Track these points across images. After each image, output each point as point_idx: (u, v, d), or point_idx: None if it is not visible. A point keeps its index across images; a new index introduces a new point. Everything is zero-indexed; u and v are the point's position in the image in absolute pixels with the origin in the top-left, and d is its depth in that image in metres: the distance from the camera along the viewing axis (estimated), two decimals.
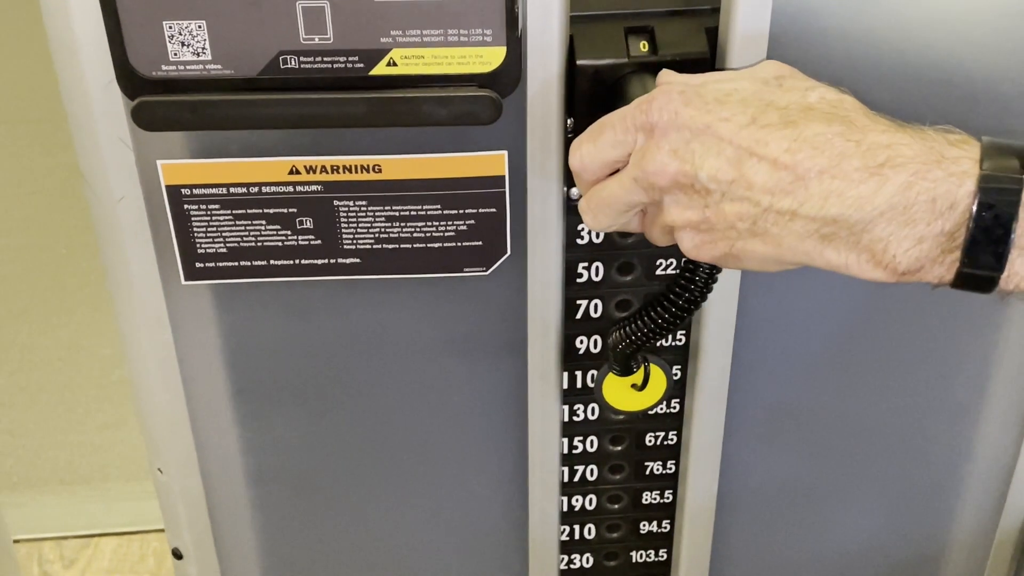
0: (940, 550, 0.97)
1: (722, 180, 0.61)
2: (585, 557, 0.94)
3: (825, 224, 0.59)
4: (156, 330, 0.79)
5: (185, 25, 0.65)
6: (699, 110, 0.61)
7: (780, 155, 0.59)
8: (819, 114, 0.60)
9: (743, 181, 0.60)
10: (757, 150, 0.60)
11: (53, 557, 1.57)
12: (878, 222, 0.58)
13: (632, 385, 0.83)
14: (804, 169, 0.59)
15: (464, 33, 0.66)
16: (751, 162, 0.60)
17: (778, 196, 0.60)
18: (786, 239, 0.60)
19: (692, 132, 0.61)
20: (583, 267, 0.79)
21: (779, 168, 0.59)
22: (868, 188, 0.58)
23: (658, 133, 0.62)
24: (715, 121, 0.61)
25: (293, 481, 0.88)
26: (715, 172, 0.61)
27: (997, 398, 0.89)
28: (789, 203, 0.59)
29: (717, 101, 0.62)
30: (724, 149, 0.60)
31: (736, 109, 0.61)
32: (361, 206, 0.74)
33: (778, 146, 0.59)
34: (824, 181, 0.58)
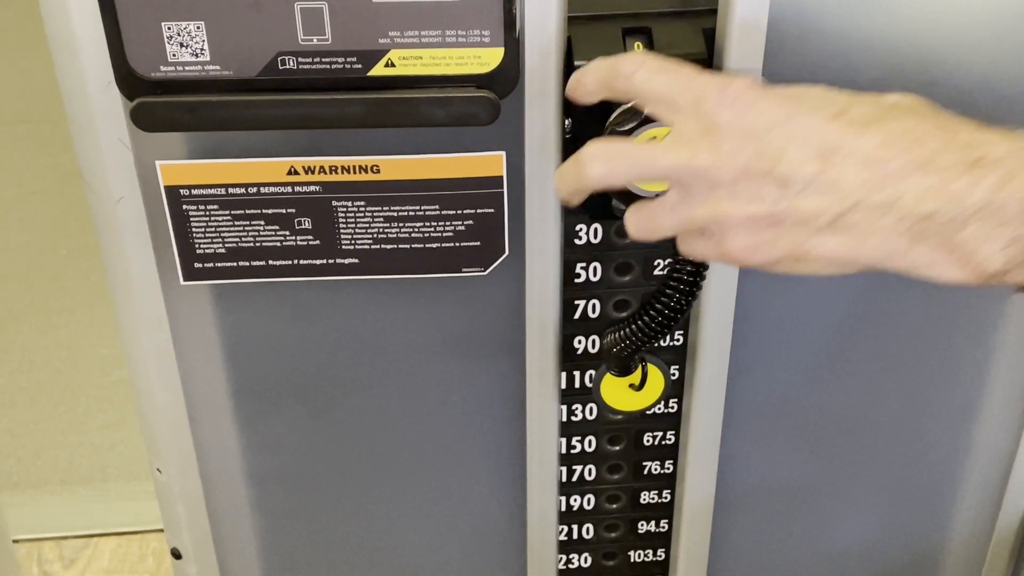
0: (938, 549, 0.97)
1: (805, 173, 0.57)
2: (583, 557, 0.94)
3: (919, 221, 0.56)
4: (155, 330, 0.79)
5: (184, 26, 0.65)
6: (781, 102, 0.58)
7: (874, 149, 0.56)
8: (904, 111, 0.58)
9: (830, 175, 0.57)
10: (847, 143, 0.57)
11: (53, 557, 1.57)
12: (972, 220, 0.55)
13: (630, 385, 0.83)
14: (900, 164, 0.56)
15: (462, 34, 0.67)
16: (839, 156, 0.57)
17: (870, 191, 0.56)
18: (871, 237, 0.57)
19: (772, 121, 0.58)
20: (581, 267, 0.80)
21: (872, 163, 0.56)
22: (964, 184, 0.55)
23: (728, 118, 0.58)
24: (799, 112, 0.57)
25: (292, 481, 0.88)
26: (798, 164, 0.57)
27: (995, 398, 0.89)
28: (882, 198, 0.56)
29: (796, 95, 0.59)
30: (810, 141, 0.57)
31: (818, 104, 0.58)
32: (360, 206, 0.74)
33: (872, 140, 0.56)
34: (921, 176, 0.56)
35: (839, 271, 0.60)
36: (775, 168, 0.57)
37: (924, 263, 0.57)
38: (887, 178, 0.56)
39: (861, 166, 0.56)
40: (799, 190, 0.57)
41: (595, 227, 0.78)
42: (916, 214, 0.56)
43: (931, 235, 0.56)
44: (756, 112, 0.58)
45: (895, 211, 0.56)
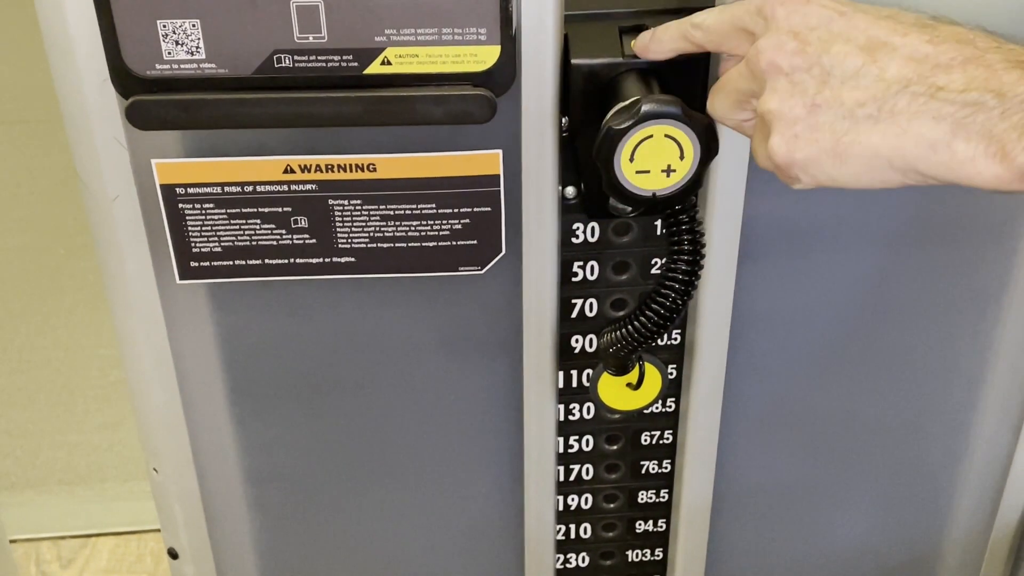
0: (936, 549, 0.97)
1: (848, 65, 0.58)
2: (581, 556, 0.94)
3: (963, 107, 0.55)
4: (151, 329, 0.79)
5: (179, 24, 0.65)
6: (829, 5, 0.60)
7: (922, 44, 0.57)
8: (949, 25, 0.58)
9: (874, 67, 0.57)
10: (894, 39, 0.57)
11: (51, 557, 1.57)
12: (1017, 111, 0.55)
13: (628, 384, 0.83)
14: (948, 57, 0.56)
15: (458, 32, 0.66)
16: (886, 50, 0.57)
17: (917, 80, 0.57)
18: (915, 125, 0.56)
19: (821, 18, 0.59)
20: (578, 266, 0.79)
21: (919, 57, 0.57)
22: (1012, 77, 0.55)
23: (781, 15, 0.60)
24: (849, 11, 0.59)
25: (289, 480, 0.88)
26: (842, 56, 0.58)
27: (992, 398, 0.89)
28: (929, 84, 0.56)
29: (849, 2, 0.60)
30: (856, 37, 0.58)
31: (867, 8, 0.59)
32: (356, 205, 0.74)
33: (920, 37, 0.57)
34: (968, 68, 0.56)
35: (879, 177, 0.59)
36: (820, 59, 0.58)
37: (964, 157, 0.56)
38: (934, 69, 0.57)
39: (907, 59, 0.57)
40: (842, 81, 0.58)
41: (592, 226, 0.78)
42: (961, 100, 0.56)
43: (974, 125, 0.55)
44: (807, 10, 0.60)
45: (941, 96, 0.56)
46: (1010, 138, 0.55)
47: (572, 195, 0.76)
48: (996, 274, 0.83)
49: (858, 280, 0.83)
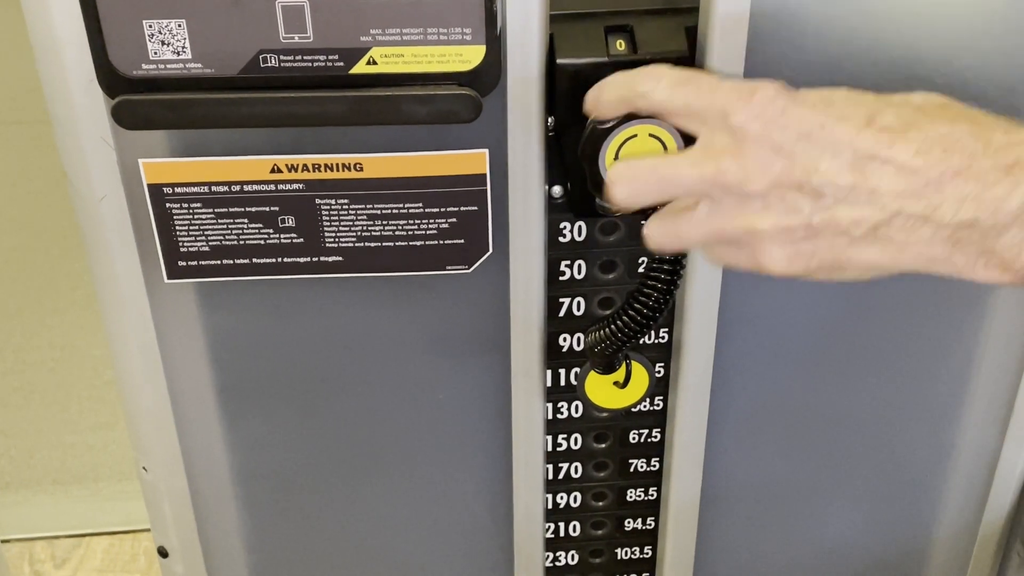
0: (924, 547, 0.97)
1: (840, 184, 0.56)
2: (570, 554, 0.94)
3: (958, 229, 0.55)
4: (140, 328, 0.79)
5: (165, 24, 0.65)
6: (809, 109, 0.57)
7: (909, 158, 0.55)
8: (934, 113, 0.56)
9: (865, 186, 0.56)
10: (881, 152, 0.55)
11: (44, 557, 1.57)
12: (1012, 226, 0.55)
13: (615, 383, 0.83)
14: (938, 172, 0.55)
15: (444, 32, 0.67)
16: (874, 165, 0.55)
17: (908, 200, 0.55)
18: (912, 246, 0.56)
19: (801, 132, 0.57)
20: (565, 265, 0.80)
21: (909, 172, 0.55)
22: (1003, 189, 0.54)
23: (757, 130, 0.57)
24: (829, 120, 0.56)
25: (278, 479, 0.88)
26: (832, 175, 0.56)
27: (979, 395, 0.89)
28: (922, 207, 0.55)
29: (824, 101, 0.57)
30: (842, 151, 0.56)
31: (848, 109, 0.57)
32: (343, 204, 0.74)
33: (906, 148, 0.55)
34: (959, 184, 0.55)
35: (877, 276, 0.59)
36: (810, 179, 0.56)
37: (965, 268, 0.56)
38: (925, 187, 0.55)
39: (897, 175, 0.55)
40: (835, 201, 0.56)
41: (579, 225, 0.78)
42: (955, 222, 0.55)
43: (971, 242, 0.56)
44: (785, 122, 0.57)
45: (934, 220, 0.55)
46: (1009, 254, 0.55)
47: (559, 194, 0.76)
48: None
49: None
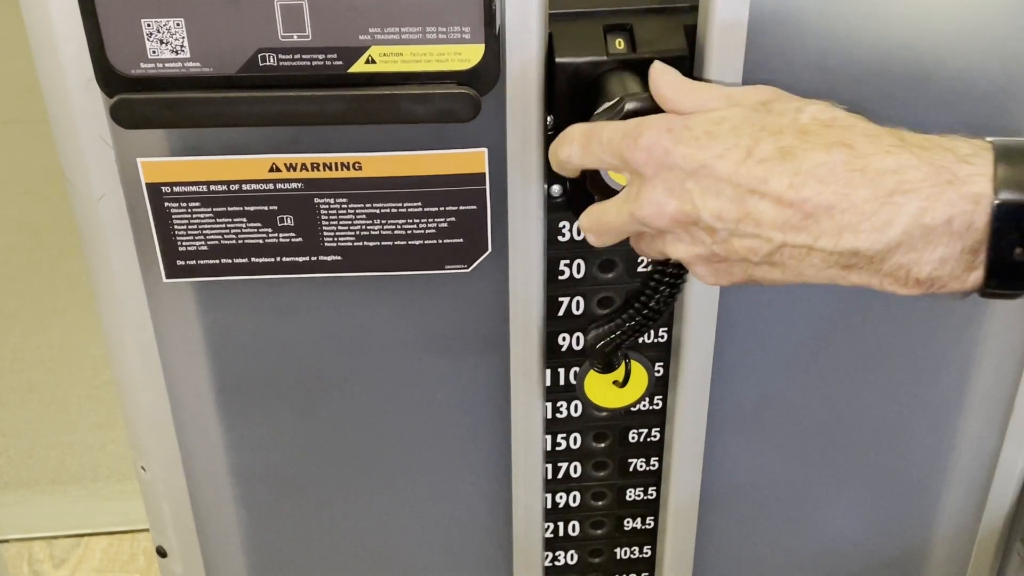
0: (924, 546, 0.97)
1: (727, 219, 0.59)
2: (570, 554, 0.94)
3: (843, 257, 0.57)
4: (138, 328, 0.79)
5: (164, 23, 0.65)
6: (691, 147, 0.59)
7: (784, 192, 0.57)
8: (816, 139, 0.58)
9: (750, 220, 0.58)
10: (759, 188, 0.58)
11: (43, 556, 1.57)
12: (896, 251, 0.56)
13: (614, 382, 0.83)
14: (812, 206, 0.57)
15: (443, 30, 0.67)
16: (754, 200, 0.58)
17: (790, 233, 0.58)
18: (806, 270, 0.59)
19: (686, 172, 0.59)
20: (565, 264, 0.80)
21: (785, 205, 0.57)
22: (881, 219, 0.56)
23: (650, 172, 0.61)
24: (710, 159, 0.59)
25: (277, 478, 0.88)
26: (718, 212, 0.59)
27: (979, 393, 0.89)
28: (803, 239, 0.58)
29: (708, 134, 0.59)
30: (723, 189, 0.58)
31: (729, 141, 0.59)
32: (342, 203, 0.74)
33: (780, 182, 0.57)
34: (835, 216, 0.56)
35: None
36: (701, 217, 0.60)
37: (864, 284, 0.59)
38: (803, 220, 0.57)
39: (776, 209, 0.58)
40: (728, 234, 0.59)
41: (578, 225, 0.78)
42: (838, 252, 0.57)
43: (860, 266, 0.58)
44: (671, 163, 0.60)
45: (818, 249, 0.58)
46: (899, 274, 0.57)
47: (558, 193, 0.76)
48: None
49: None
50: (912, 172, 0.56)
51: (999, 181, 0.55)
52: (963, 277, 0.57)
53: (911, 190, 0.56)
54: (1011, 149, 0.56)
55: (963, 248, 0.56)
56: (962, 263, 0.56)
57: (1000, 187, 0.55)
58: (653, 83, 0.65)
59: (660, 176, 0.60)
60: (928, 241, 0.56)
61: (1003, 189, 0.55)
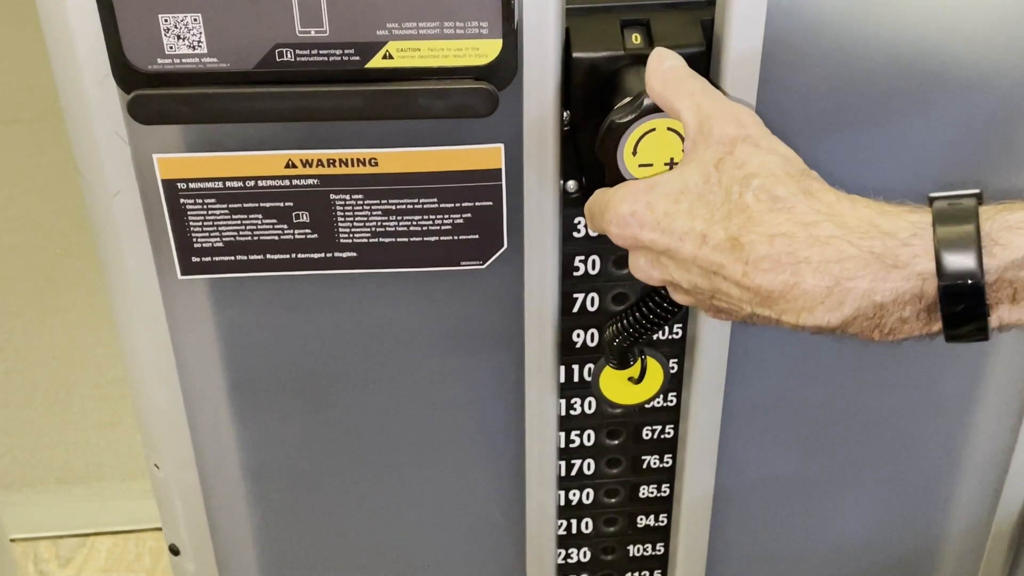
0: (936, 542, 0.97)
1: (703, 289, 0.64)
2: (582, 551, 0.94)
3: (807, 328, 0.62)
4: (152, 325, 0.79)
5: (181, 18, 0.65)
6: (654, 231, 0.64)
7: (740, 278, 0.61)
8: (759, 227, 0.61)
9: (721, 292, 0.63)
10: (720, 272, 0.62)
11: (49, 556, 1.57)
12: (852, 325, 0.61)
13: (629, 378, 0.83)
14: (766, 291, 0.61)
15: (460, 26, 0.66)
16: (719, 279, 0.63)
17: (756, 307, 0.62)
18: (784, 326, 0.63)
19: (657, 252, 0.65)
20: (580, 260, 0.79)
21: (744, 288, 0.62)
22: (833, 301, 0.60)
23: (629, 247, 0.66)
24: (672, 243, 0.63)
25: (290, 476, 0.88)
26: (694, 284, 0.64)
27: (992, 391, 0.89)
28: (768, 313, 0.62)
29: (667, 216, 0.63)
30: (691, 268, 0.64)
31: (686, 225, 0.63)
32: (357, 200, 0.74)
33: (734, 270, 0.61)
34: (789, 300, 0.60)
35: None
36: (681, 284, 0.65)
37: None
38: (764, 300, 0.62)
39: (739, 290, 0.62)
40: (708, 296, 0.65)
41: None
42: (802, 326, 0.62)
43: (826, 332, 0.62)
44: (642, 244, 0.65)
45: (785, 322, 0.62)
46: (864, 336, 0.62)
47: (574, 189, 0.76)
48: None
49: None
50: (853, 262, 0.59)
51: (939, 247, 0.58)
52: (926, 327, 0.60)
53: (856, 276, 0.59)
54: (947, 213, 0.59)
55: (919, 310, 0.59)
56: (921, 320, 0.60)
57: (941, 255, 0.58)
58: (647, 70, 0.67)
59: (639, 251, 0.66)
60: (882, 313, 0.60)
61: (945, 256, 0.58)
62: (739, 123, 0.64)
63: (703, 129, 0.64)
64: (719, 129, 0.64)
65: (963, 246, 0.58)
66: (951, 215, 0.59)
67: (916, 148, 0.76)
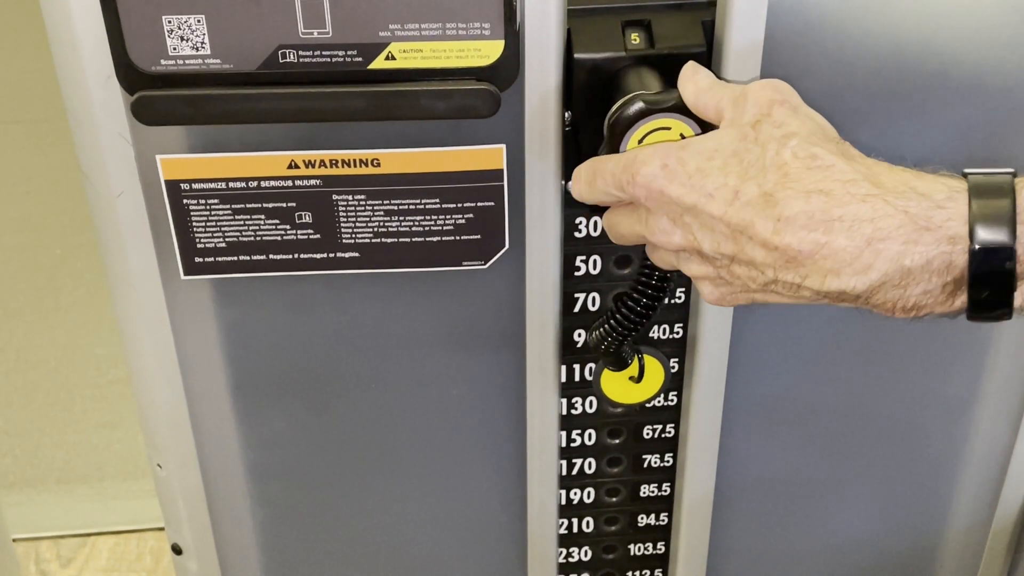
0: (936, 541, 0.98)
1: (725, 253, 0.63)
2: (583, 550, 0.94)
3: (830, 295, 0.61)
4: (155, 325, 0.79)
5: (184, 19, 0.65)
6: (683, 187, 0.62)
7: (769, 237, 0.60)
8: (796, 184, 0.60)
9: (744, 255, 0.62)
10: (746, 231, 0.61)
11: (50, 556, 1.57)
12: (878, 290, 0.60)
13: (630, 378, 0.83)
14: (795, 251, 0.60)
15: (462, 27, 0.67)
16: (744, 239, 0.61)
17: (780, 271, 0.61)
18: (801, 299, 0.63)
19: (682, 208, 0.63)
20: (581, 260, 0.80)
21: (771, 249, 0.61)
22: (862, 264, 0.59)
23: (652, 206, 0.64)
24: (700, 199, 0.62)
25: (292, 476, 0.88)
26: (716, 247, 0.63)
27: (992, 390, 0.89)
28: (791, 277, 0.61)
29: (699, 171, 0.62)
30: (717, 226, 0.62)
31: (718, 180, 0.62)
32: (360, 200, 0.74)
33: (764, 227, 0.60)
34: (817, 261, 0.60)
35: None
36: (703, 248, 0.64)
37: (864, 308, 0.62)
38: (789, 262, 0.61)
39: (765, 251, 0.61)
40: (729, 262, 0.63)
41: (595, 220, 0.78)
42: (825, 291, 0.61)
43: (848, 300, 0.61)
44: (667, 200, 0.63)
45: (807, 287, 0.61)
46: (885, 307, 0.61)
47: None
48: None
49: None
50: (887, 221, 0.59)
51: (973, 218, 0.58)
52: (948, 303, 0.60)
53: (888, 237, 0.59)
54: (984, 186, 0.59)
55: (945, 283, 0.59)
56: (945, 293, 0.59)
57: (975, 225, 0.58)
58: (680, 84, 0.67)
59: (661, 209, 0.64)
60: (909, 280, 0.59)
61: (978, 226, 0.58)
62: (775, 89, 0.64)
63: (738, 101, 0.64)
64: (755, 94, 0.64)
65: (998, 218, 0.58)
66: (988, 188, 0.59)
67: (916, 148, 0.76)
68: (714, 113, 0.66)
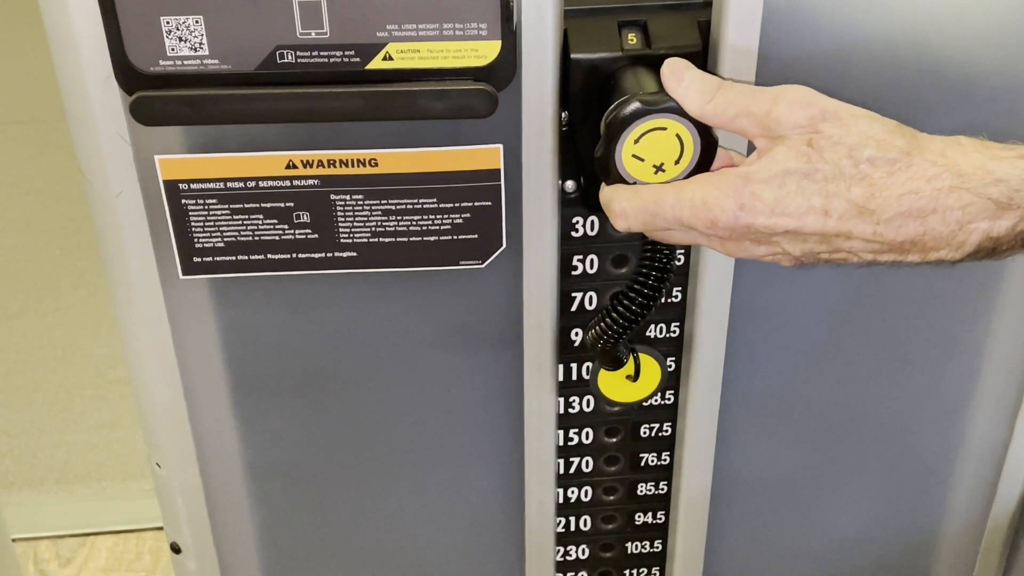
0: (932, 539, 0.98)
1: (818, 251, 0.66)
2: (581, 548, 0.95)
3: (930, 263, 0.66)
4: (154, 324, 0.80)
5: (183, 20, 0.66)
6: (769, 218, 0.65)
7: (870, 236, 0.64)
8: (884, 191, 0.63)
9: (841, 250, 0.66)
10: (846, 234, 0.64)
11: (49, 556, 1.57)
12: (971, 257, 0.66)
13: (627, 376, 0.84)
14: (898, 243, 0.65)
15: (460, 27, 0.67)
16: (841, 239, 0.65)
17: (881, 255, 0.66)
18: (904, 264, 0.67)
19: (771, 234, 0.65)
20: (578, 259, 0.80)
21: (873, 241, 0.65)
22: (957, 242, 0.65)
23: (735, 237, 0.66)
24: (792, 224, 0.64)
25: (291, 475, 0.89)
26: (808, 251, 0.66)
27: (988, 389, 0.90)
28: (891, 257, 0.66)
29: (778, 202, 0.64)
30: (810, 239, 0.65)
31: (802, 205, 0.64)
32: (358, 200, 0.74)
33: (863, 231, 0.64)
34: (918, 244, 0.65)
35: None
36: (791, 254, 0.67)
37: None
38: (891, 250, 0.65)
39: (866, 243, 0.65)
40: (827, 253, 0.67)
41: (592, 219, 0.79)
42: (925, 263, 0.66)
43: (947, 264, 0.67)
44: (753, 231, 0.65)
45: (906, 263, 0.66)
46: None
47: (572, 189, 0.76)
48: (991, 266, 0.84)
49: (855, 272, 0.83)
50: (974, 207, 0.64)
51: None
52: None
53: (976, 219, 0.64)
54: None
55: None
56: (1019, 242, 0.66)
57: None
58: (664, 82, 0.68)
59: (745, 237, 0.66)
60: (997, 244, 0.65)
61: None
62: (803, 103, 0.65)
63: (766, 125, 0.65)
64: (787, 117, 0.65)
65: None
66: None
67: None
68: (731, 127, 0.67)
